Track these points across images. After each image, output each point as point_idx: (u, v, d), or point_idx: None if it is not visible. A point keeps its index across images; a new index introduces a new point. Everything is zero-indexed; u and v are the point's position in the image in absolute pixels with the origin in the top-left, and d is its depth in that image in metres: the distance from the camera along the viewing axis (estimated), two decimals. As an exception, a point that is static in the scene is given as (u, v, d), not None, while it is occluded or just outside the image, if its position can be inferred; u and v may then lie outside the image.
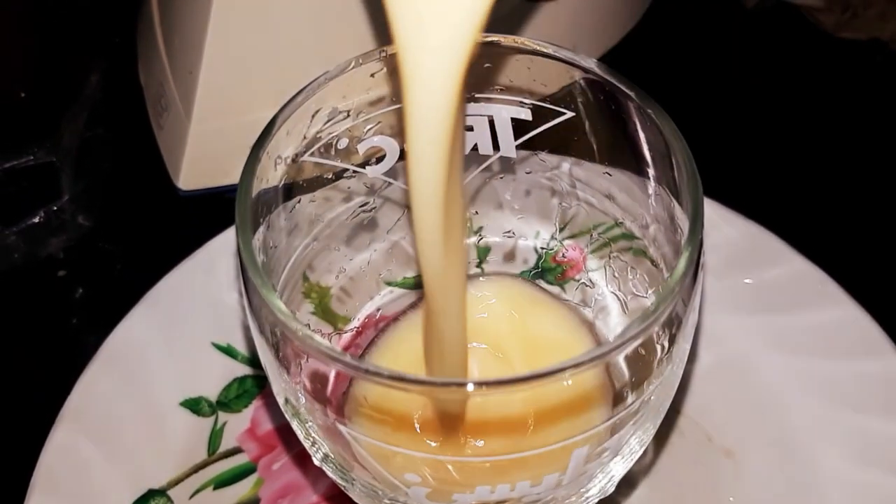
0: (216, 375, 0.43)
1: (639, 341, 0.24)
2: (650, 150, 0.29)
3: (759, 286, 0.44)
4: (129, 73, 0.54)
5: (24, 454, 0.39)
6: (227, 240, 0.45)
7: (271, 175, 0.29)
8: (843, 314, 0.43)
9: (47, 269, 0.49)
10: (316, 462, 0.30)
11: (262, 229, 0.29)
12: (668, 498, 0.40)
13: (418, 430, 0.25)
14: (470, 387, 0.23)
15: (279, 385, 0.28)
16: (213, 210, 0.48)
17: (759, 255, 0.44)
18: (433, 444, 0.25)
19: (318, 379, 0.25)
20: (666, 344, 0.26)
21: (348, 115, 0.31)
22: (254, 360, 0.44)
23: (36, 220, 0.49)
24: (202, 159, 0.49)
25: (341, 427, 0.25)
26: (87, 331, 0.43)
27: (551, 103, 0.30)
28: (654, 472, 0.41)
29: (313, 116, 0.30)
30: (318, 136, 0.30)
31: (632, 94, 0.29)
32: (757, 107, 0.55)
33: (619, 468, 0.29)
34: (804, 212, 0.50)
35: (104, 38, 0.56)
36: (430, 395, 0.24)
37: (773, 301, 0.43)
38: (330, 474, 0.30)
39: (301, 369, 0.26)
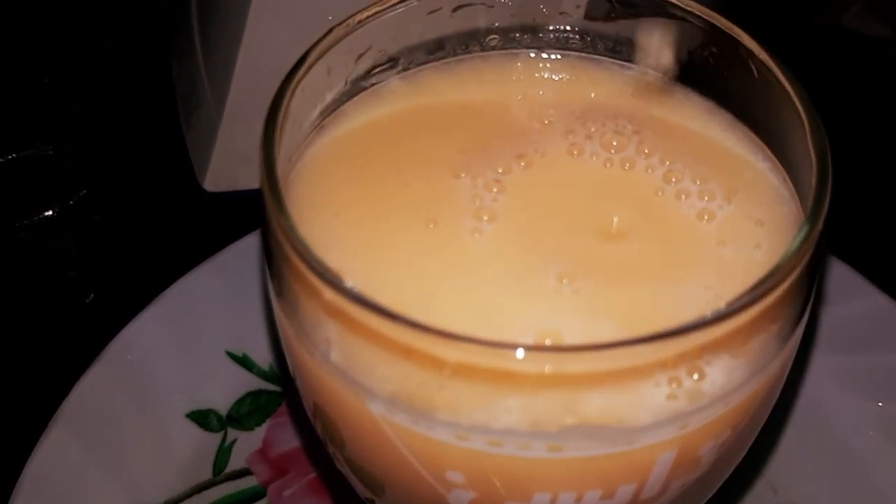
0: (228, 387, 0.40)
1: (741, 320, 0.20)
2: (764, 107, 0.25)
3: (835, 322, 0.40)
4: (159, 69, 0.52)
5: (16, 460, 0.36)
6: (250, 243, 0.42)
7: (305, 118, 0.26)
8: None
9: (57, 268, 0.46)
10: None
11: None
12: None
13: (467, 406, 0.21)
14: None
15: (305, 371, 0.24)
16: (237, 211, 0.45)
17: (834, 288, 0.40)
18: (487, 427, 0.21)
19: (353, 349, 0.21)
20: (780, 332, 0.22)
21: (397, 63, 0.27)
22: (271, 374, 0.40)
23: (48, 214, 0.47)
24: (231, 160, 0.46)
25: (384, 426, 0.21)
26: (96, 335, 0.40)
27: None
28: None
29: (359, 58, 0.27)
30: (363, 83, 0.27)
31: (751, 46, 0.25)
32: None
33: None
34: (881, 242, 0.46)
35: (134, 28, 0.54)
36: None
37: (850, 339, 0.40)
38: (358, 487, 0.25)
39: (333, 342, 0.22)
